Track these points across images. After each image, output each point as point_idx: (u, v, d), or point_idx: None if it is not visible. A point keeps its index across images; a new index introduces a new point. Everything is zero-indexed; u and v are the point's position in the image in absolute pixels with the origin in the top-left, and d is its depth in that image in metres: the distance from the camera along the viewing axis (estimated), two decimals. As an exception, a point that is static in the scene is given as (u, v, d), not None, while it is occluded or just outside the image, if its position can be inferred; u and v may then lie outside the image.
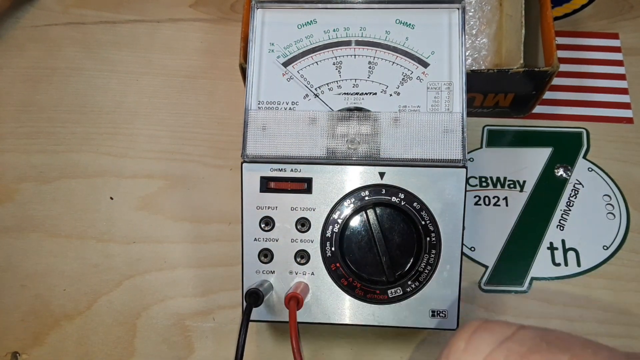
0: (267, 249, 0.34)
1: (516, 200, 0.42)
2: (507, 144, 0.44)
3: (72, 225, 0.42)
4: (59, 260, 0.41)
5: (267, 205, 0.34)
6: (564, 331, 0.23)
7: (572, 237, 0.41)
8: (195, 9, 0.51)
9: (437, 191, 0.33)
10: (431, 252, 0.32)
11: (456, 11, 0.35)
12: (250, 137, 0.34)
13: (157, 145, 0.45)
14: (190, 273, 0.41)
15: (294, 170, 0.34)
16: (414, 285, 0.33)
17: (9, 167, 0.44)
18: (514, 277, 0.40)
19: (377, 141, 0.33)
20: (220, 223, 0.42)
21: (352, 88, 0.34)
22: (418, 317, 0.33)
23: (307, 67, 0.35)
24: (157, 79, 0.48)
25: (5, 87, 0.48)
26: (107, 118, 0.46)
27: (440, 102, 0.34)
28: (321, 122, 0.34)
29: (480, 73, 0.39)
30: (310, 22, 0.36)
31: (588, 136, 0.44)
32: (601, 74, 0.46)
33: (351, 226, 0.33)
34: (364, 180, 0.33)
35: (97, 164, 0.44)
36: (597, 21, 0.49)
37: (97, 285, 0.40)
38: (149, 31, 0.50)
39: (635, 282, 0.39)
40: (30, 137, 0.46)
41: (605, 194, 0.42)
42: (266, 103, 0.35)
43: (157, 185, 0.44)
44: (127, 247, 0.41)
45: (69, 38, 0.50)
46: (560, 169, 0.43)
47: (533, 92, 0.41)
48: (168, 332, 0.39)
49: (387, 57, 0.35)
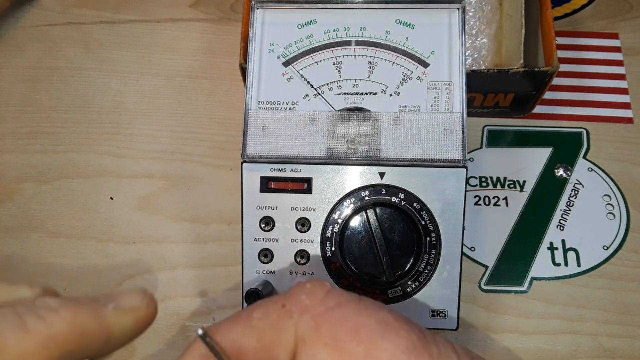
0: (267, 249, 0.34)
1: (516, 200, 0.42)
2: (507, 144, 0.44)
3: (72, 225, 0.42)
4: (59, 260, 0.41)
5: (267, 205, 0.34)
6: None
7: (572, 237, 0.41)
8: (195, 9, 0.51)
9: (437, 191, 0.33)
10: (431, 252, 0.32)
11: (456, 11, 0.35)
12: (250, 137, 0.34)
13: (157, 145, 0.45)
14: (190, 273, 0.41)
15: (294, 170, 0.34)
16: (414, 285, 0.33)
17: (9, 167, 0.44)
18: (514, 277, 0.40)
19: (377, 141, 0.33)
20: (220, 223, 0.42)
21: (352, 88, 0.34)
22: (418, 317, 0.33)
23: (307, 67, 0.35)
24: (157, 79, 0.48)
25: (5, 87, 0.48)
26: (107, 118, 0.46)
27: (440, 102, 0.34)
28: (321, 122, 0.34)
29: (480, 73, 0.39)
30: (310, 22, 0.36)
31: (588, 136, 0.44)
32: (601, 74, 0.46)
33: (351, 226, 0.33)
34: (364, 180, 0.33)
35: (97, 164, 0.44)
36: (597, 21, 0.49)
37: (97, 285, 0.40)
38: (149, 31, 0.50)
39: (635, 282, 0.39)
40: (30, 137, 0.46)
41: (605, 194, 0.42)
42: (266, 103, 0.35)
43: (157, 185, 0.44)
44: (127, 247, 0.41)
45: (69, 38, 0.50)
46: (561, 169, 0.43)
47: (533, 92, 0.41)
48: (168, 332, 0.39)
49: (387, 57, 0.35)
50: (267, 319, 0.23)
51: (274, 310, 0.23)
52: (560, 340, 0.37)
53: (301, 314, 0.23)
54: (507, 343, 0.38)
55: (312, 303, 0.23)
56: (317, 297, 0.23)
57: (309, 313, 0.23)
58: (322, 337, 0.22)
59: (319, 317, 0.22)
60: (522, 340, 0.38)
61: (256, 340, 0.22)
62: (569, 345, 0.37)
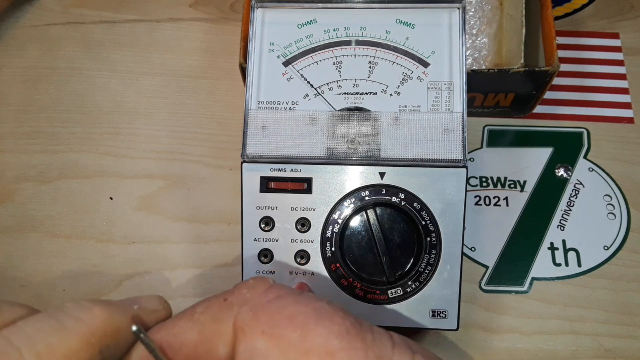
0: (267, 249, 0.33)
1: (517, 200, 0.42)
2: (508, 144, 0.44)
3: (72, 225, 0.42)
4: (59, 260, 0.41)
5: (267, 205, 0.33)
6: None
7: (573, 237, 0.41)
8: (195, 9, 0.51)
9: (437, 191, 0.33)
10: (431, 252, 0.32)
11: (456, 11, 0.35)
12: (250, 137, 0.34)
13: (157, 145, 0.45)
14: (190, 273, 0.41)
15: (294, 170, 0.33)
16: (414, 285, 0.32)
17: (9, 167, 0.44)
18: (514, 277, 0.40)
19: (377, 141, 0.33)
20: (220, 223, 0.42)
21: (352, 88, 0.34)
22: (418, 317, 0.33)
23: (307, 66, 0.35)
24: (157, 79, 0.48)
25: (5, 87, 0.48)
26: (107, 118, 0.46)
27: (440, 101, 0.34)
28: (321, 122, 0.34)
29: (481, 73, 0.39)
30: (310, 22, 0.35)
31: (589, 136, 0.44)
32: (602, 73, 0.46)
33: (351, 226, 0.33)
34: (364, 180, 0.33)
35: (97, 164, 0.44)
36: (597, 21, 0.48)
37: (97, 285, 0.40)
38: (149, 31, 0.50)
39: (636, 282, 0.39)
40: (30, 137, 0.46)
41: (606, 194, 0.42)
42: (266, 103, 0.35)
43: (157, 185, 0.43)
44: (127, 247, 0.41)
45: (69, 38, 0.50)
46: (561, 169, 0.43)
47: (533, 91, 0.41)
48: (168, 332, 0.39)
49: (388, 56, 0.35)
50: (209, 313, 0.24)
51: (215, 303, 0.24)
52: (561, 341, 0.37)
53: (241, 306, 0.23)
54: (508, 343, 0.38)
55: (253, 296, 0.24)
56: (259, 290, 0.24)
57: (248, 304, 0.23)
58: (259, 326, 0.22)
59: (258, 308, 0.23)
60: (523, 341, 0.38)
61: (197, 334, 0.23)
62: (569, 345, 0.37)
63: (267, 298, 0.24)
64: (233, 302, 0.24)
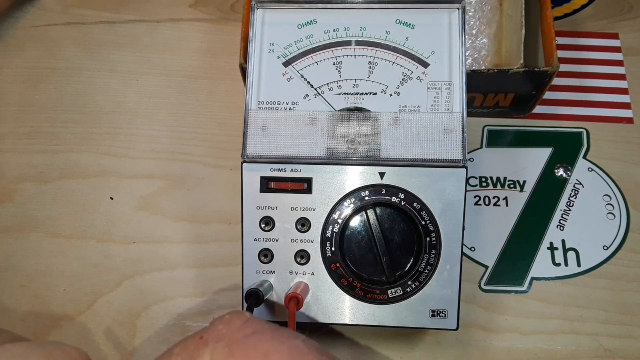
0: (267, 249, 0.34)
1: (516, 200, 0.42)
2: (507, 144, 0.44)
3: (72, 225, 0.42)
4: (59, 260, 0.41)
5: (267, 205, 0.34)
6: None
7: (572, 237, 0.41)
8: (195, 9, 0.51)
9: (437, 191, 0.33)
10: (431, 252, 0.32)
11: (456, 11, 0.35)
12: (250, 137, 0.34)
13: (157, 145, 0.45)
14: (190, 273, 0.41)
15: (294, 170, 0.34)
16: (414, 285, 0.33)
17: (9, 167, 0.44)
18: (514, 277, 0.40)
19: (377, 141, 0.33)
20: (220, 223, 0.42)
21: (352, 88, 0.34)
22: (418, 317, 0.33)
23: (307, 67, 0.35)
24: (157, 79, 0.48)
25: (5, 87, 0.48)
26: (107, 118, 0.46)
27: (440, 102, 0.34)
28: (321, 122, 0.34)
29: (480, 73, 0.39)
30: (310, 22, 0.36)
31: (588, 136, 0.44)
32: (601, 74, 0.46)
33: (351, 226, 0.33)
34: (364, 180, 0.33)
35: (97, 164, 0.44)
36: (597, 21, 0.49)
37: (97, 285, 0.40)
38: (149, 31, 0.50)
39: (635, 282, 0.39)
40: (30, 137, 0.46)
41: (606, 194, 0.42)
42: (266, 103, 0.35)
43: (157, 185, 0.44)
44: (127, 247, 0.41)
45: (69, 38, 0.50)
46: (561, 169, 0.43)
47: (533, 92, 0.41)
48: (168, 332, 0.39)
49: (387, 57, 0.35)
50: (185, 352, 0.24)
51: (191, 343, 0.25)
52: (560, 340, 0.38)
53: (217, 342, 0.24)
54: (507, 343, 0.38)
55: (229, 331, 0.24)
56: (235, 325, 0.25)
57: (224, 340, 0.24)
58: None
59: (234, 344, 0.24)
60: (522, 340, 0.38)
61: None
62: (569, 345, 0.37)
63: (243, 333, 0.24)
64: (209, 339, 0.24)
